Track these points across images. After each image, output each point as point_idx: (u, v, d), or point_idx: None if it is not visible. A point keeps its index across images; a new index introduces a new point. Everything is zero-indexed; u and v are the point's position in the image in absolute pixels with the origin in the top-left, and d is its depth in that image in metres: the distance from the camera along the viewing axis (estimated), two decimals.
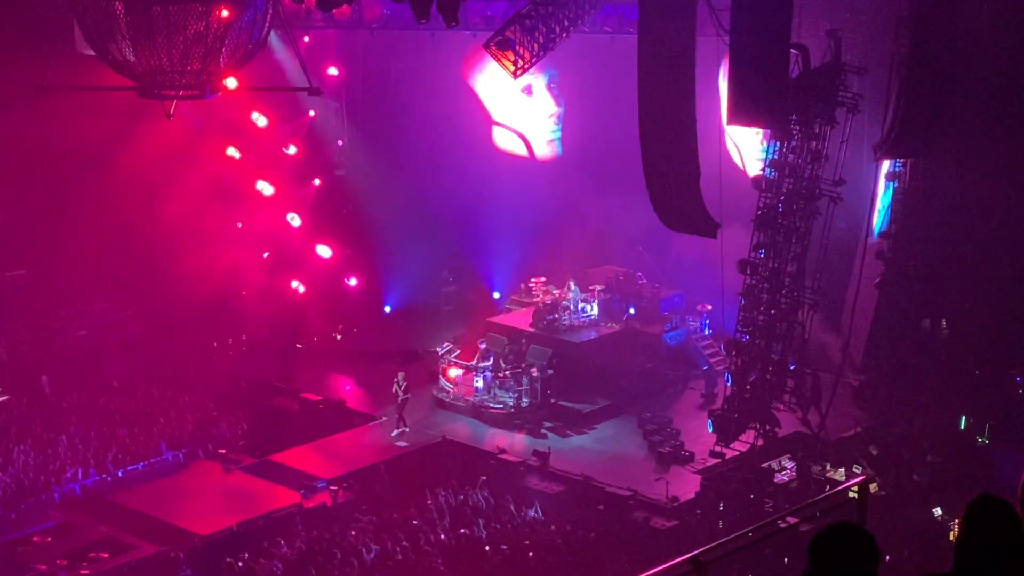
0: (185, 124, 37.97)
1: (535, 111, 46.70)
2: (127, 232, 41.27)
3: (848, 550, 5.22)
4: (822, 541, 5.24)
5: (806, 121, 33.97)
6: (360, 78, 45.39)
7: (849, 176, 35.27)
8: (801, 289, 35.00)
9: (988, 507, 5.10)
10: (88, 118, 38.63)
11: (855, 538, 5.27)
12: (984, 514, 5.10)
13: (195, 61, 25.01)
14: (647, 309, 42.73)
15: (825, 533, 5.29)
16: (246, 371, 41.60)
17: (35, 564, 31.53)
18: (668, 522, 33.16)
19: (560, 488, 35.04)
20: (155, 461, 36.26)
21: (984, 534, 5.05)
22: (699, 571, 7.42)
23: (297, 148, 45.03)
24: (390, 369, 40.73)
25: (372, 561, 31.13)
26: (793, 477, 34.85)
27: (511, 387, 39.19)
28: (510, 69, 35.00)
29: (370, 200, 44.50)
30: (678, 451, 36.65)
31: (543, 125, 46.90)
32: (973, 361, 39.26)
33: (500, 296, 45.92)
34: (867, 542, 5.26)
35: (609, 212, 42.25)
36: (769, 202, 34.61)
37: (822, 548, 5.22)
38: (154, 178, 40.73)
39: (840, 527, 5.34)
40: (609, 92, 41.54)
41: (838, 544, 5.24)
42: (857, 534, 5.29)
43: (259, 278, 43.95)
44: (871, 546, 5.24)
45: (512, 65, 34.89)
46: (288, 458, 36.77)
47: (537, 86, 46.50)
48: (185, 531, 32.92)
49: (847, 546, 5.23)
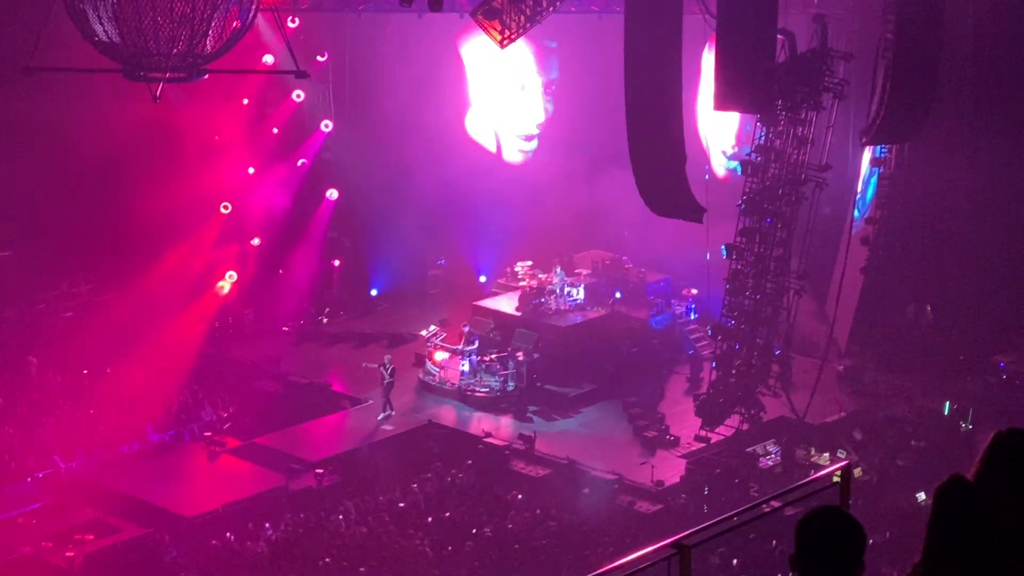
0: (171, 106, 37.87)
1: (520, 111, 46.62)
2: (112, 214, 41.13)
3: (834, 534, 5.27)
4: (808, 525, 5.28)
5: (792, 106, 34.05)
6: (347, 60, 45.29)
7: (834, 162, 35.40)
8: (787, 274, 35.11)
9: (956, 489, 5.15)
10: (74, 100, 38.56)
11: (841, 522, 5.32)
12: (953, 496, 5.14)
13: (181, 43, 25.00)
14: (633, 293, 42.79)
15: (811, 517, 5.34)
16: (232, 354, 41.57)
17: (20, 546, 31.53)
18: (653, 506, 33.25)
19: (545, 472, 35.10)
20: (141, 443, 36.23)
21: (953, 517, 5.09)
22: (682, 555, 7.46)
23: (283, 131, 44.93)
24: (376, 352, 40.74)
25: (357, 543, 31.20)
26: (778, 462, 34.96)
27: (497, 371, 39.23)
28: (496, 39, 34.69)
29: (356, 183, 44.44)
30: (663, 435, 36.73)
31: (523, 128, 46.78)
32: (957, 346, 39.45)
33: (486, 280, 45.92)
34: (853, 526, 5.31)
35: (595, 196, 42.27)
36: (755, 187, 34.70)
37: (808, 532, 5.26)
38: (139, 160, 40.61)
39: (826, 511, 5.39)
40: (596, 74, 41.55)
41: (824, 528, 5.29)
42: (843, 518, 5.34)
43: (245, 260, 43.87)
44: (857, 531, 5.29)
45: (499, 35, 34.60)
46: (273, 441, 36.78)
47: (533, 87, 46.54)
48: (171, 513, 32.93)
49: (834, 530, 5.28)
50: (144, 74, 25.82)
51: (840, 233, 39.25)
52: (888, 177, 39.30)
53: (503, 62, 44.12)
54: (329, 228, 45.63)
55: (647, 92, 32.45)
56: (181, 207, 41.71)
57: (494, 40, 34.74)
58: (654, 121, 32.70)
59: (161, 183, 40.48)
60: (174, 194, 41.12)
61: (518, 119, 46.64)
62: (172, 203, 41.27)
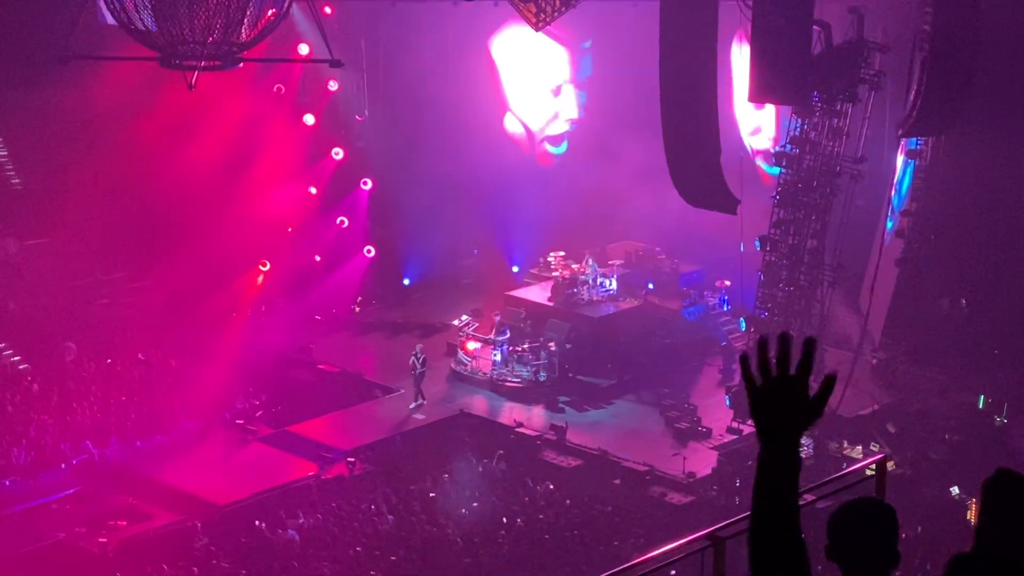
0: (206, 95, 37.95)
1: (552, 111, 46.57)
2: (147, 202, 41.32)
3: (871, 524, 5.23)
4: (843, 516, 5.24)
5: (828, 98, 33.89)
6: (381, 49, 45.31)
7: (870, 153, 35.22)
8: (820, 266, 34.97)
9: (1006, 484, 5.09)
10: (110, 88, 38.68)
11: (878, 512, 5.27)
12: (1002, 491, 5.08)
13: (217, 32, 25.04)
14: (666, 285, 42.70)
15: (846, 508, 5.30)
16: (265, 342, 41.67)
17: (54, 531, 31.72)
18: (684, 498, 33.22)
19: (577, 462, 35.10)
20: (173, 431, 36.36)
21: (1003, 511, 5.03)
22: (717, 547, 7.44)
23: (317, 120, 45.02)
24: (408, 341, 40.79)
25: (388, 532, 31.25)
26: (810, 454, 34.84)
27: (529, 361, 39.21)
28: (532, 20, 34.51)
29: (390, 172, 44.46)
30: (695, 427, 36.67)
31: (555, 127, 46.71)
32: (992, 339, 39.21)
33: (519, 270, 45.90)
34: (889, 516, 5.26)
35: (629, 186, 42.17)
36: (790, 179, 34.58)
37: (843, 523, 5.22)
38: (175, 149, 40.75)
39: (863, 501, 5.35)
40: (629, 65, 41.45)
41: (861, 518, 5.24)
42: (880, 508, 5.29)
43: (279, 249, 43.95)
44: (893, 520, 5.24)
45: (534, 17, 34.40)
46: (305, 429, 36.87)
47: (567, 89, 46.48)
48: (203, 500, 33.07)
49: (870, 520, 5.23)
50: (179, 62, 25.88)
51: (875, 225, 39.09)
52: (924, 169, 39.07)
53: (534, 58, 44.16)
54: (363, 217, 45.68)
55: (682, 82, 32.34)
56: (215, 196, 41.82)
57: (529, 22, 34.57)
58: (689, 112, 32.59)
59: (195, 172, 40.60)
60: (208, 183, 41.25)
61: (549, 117, 46.59)
62: (206, 192, 41.41)
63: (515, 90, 46.26)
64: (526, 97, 46.38)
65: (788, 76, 32.39)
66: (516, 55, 44.67)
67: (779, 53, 31.92)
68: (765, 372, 4.47)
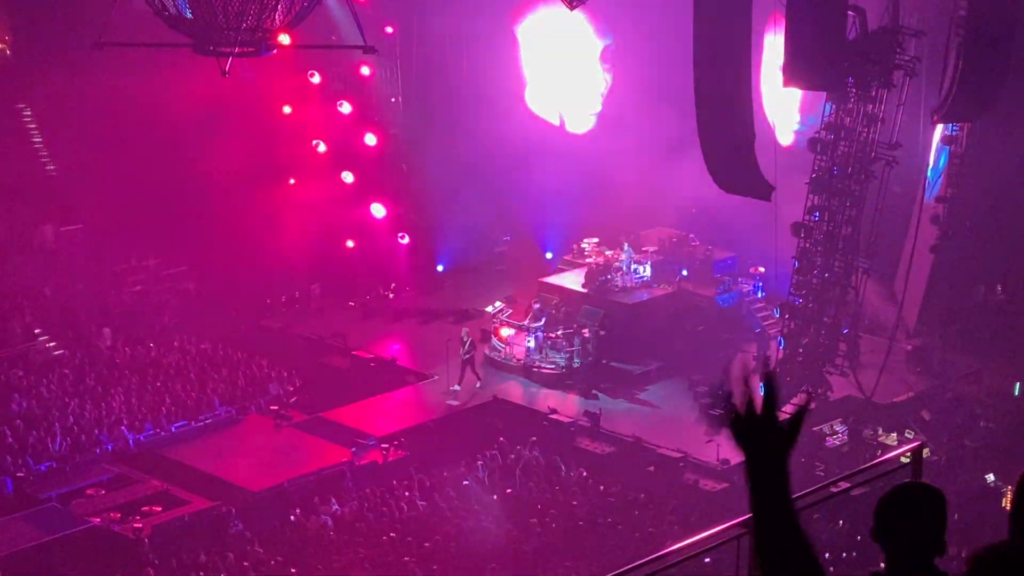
0: (240, 81, 38.01)
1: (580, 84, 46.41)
2: (181, 189, 41.47)
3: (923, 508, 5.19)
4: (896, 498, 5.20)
5: (862, 84, 33.75)
6: (415, 35, 45.31)
7: (904, 140, 35.04)
8: (855, 253, 34.84)
9: None
10: (143, 75, 38.78)
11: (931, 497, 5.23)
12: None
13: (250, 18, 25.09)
14: (700, 271, 42.57)
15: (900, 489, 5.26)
16: (299, 328, 41.76)
17: (88, 517, 31.87)
18: (718, 484, 33.15)
19: (610, 449, 35.08)
20: (208, 417, 36.47)
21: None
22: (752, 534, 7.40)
23: (351, 106, 45.05)
24: (442, 328, 40.80)
25: (422, 519, 31.30)
26: (845, 441, 34.77)
27: (563, 347, 39.18)
28: None
29: (423, 158, 44.46)
30: None
31: (585, 100, 46.54)
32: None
33: (552, 256, 45.84)
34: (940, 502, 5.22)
35: (662, 172, 42.02)
36: (824, 165, 34.45)
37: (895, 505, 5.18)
38: (208, 135, 40.86)
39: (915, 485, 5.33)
40: (662, 48, 41.26)
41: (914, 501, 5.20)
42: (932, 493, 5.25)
43: (313, 235, 43.98)
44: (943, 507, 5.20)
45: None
46: (339, 415, 36.92)
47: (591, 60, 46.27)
48: (237, 487, 33.18)
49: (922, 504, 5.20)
50: (213, 48, 25.94)
51: (909, 212, 38.90)
52: (959, 155, 38.87)
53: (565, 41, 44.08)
54: (395, 202, 45.70)
55: (716, 69, 32.22)
56: (249, 182, 41.95)
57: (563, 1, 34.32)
58: (723, 98, 32.48)
59: (229, 158, 40.72)
60: (241, 169, 41.36)
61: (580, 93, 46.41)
62: (240, 178, 41.53)
63: (546, 74, 46.08)
64: (557, 81, 46.19)
65: (822, 61, 32.27)
66: (548, 37, 44.51)
67: (814, 38, 31.80)
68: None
